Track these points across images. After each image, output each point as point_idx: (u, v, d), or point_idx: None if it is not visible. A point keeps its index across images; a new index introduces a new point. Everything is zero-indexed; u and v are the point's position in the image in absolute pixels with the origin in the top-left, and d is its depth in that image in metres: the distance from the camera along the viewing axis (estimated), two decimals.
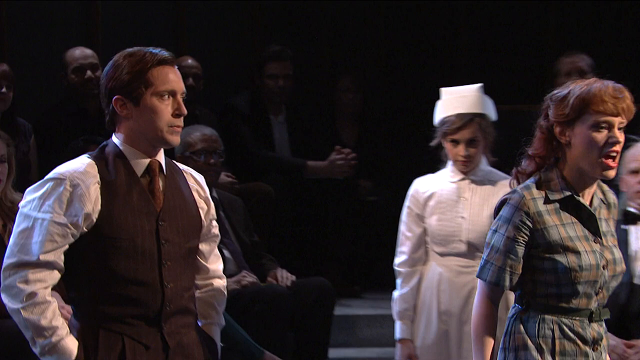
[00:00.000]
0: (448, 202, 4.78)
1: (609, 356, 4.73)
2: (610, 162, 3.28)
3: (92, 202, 3.22)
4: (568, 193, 3.34)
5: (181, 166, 3.50)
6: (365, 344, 6.47)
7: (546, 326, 3.33)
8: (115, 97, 3.26)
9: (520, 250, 3.33)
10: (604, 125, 3.26)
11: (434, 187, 4.83)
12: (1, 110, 6.01)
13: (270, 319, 5.45)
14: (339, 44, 8.00)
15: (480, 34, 8.07)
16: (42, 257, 3.18)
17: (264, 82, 6.99)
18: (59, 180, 3.23)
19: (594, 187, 3.39)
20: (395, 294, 4.83)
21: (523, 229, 3.32)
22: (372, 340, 6.43)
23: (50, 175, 3.26)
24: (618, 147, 3.29)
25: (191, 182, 3.46)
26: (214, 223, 3.52)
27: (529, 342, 3.33)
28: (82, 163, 3.28)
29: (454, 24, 8.10)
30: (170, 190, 3.36)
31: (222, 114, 6.97)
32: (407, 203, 4.86)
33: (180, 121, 3.31)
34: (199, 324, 3.48)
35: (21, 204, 3.27)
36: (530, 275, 3.35)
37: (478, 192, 4.78)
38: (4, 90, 5.98)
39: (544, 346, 3.32)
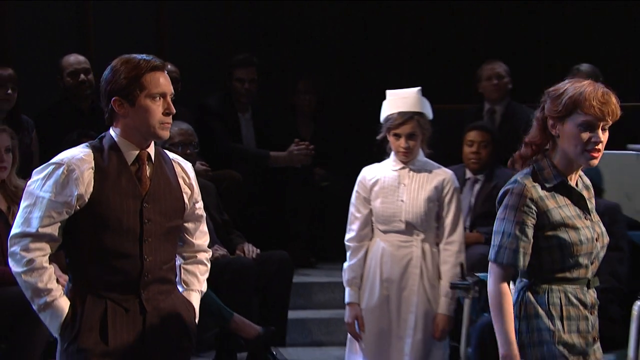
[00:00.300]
0: (390, 187, 4.78)
1: None
2: (594, 153, 3.24)
3: (85, 185, 3.21)
4: (560, 179, 3.30)
5: (171, 155, 3.47)
6: (319, 307, 6.45)
7: (554, 295, 3.28)
8: (114, 98, 3.24)
9: (530, 232, 3.26)
10: (589, 125, 3.21)
11: (379, 174, 4.82)
12: (7, 108, 5.97)
13: (238, 286, 5.45)
14: (297, 53, 7.99)
15: (419, 43, 8.09)
16: (41, 230, 3.19)
17: (233, 85, 6.94)
18: (58, 165, 3.23)
19: (577, 173, 3.36)
20: (345, 264, 4.83)
21: (530, 214, 3.26)
22: (326, 304, 6.42)
23: (53, 160, 3.26)
24: (600, 146, 3.24)
25: (178, 170, 3.43)
26: (198, 205, 3.49)
27: (540, 310, 3.28)
28: (80, 151, 3.28)
29: (397, 35, 8.11)
30: (156, 177, 3.34)
31: (197, 111, 6.93)
32: (355, 188, 4.86)
33: (169, 119, 3.29)
34: (181, 290, 3.47)
35: (28, 182, 3.27)
36: (537, 254, 3.29)
37: (416, 179, 4.78)
38: (9, 91, 5.94)
39: (554, 313, 3.27)
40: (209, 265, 3.59)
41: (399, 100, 4.75)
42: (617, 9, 7.87)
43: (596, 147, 3.23)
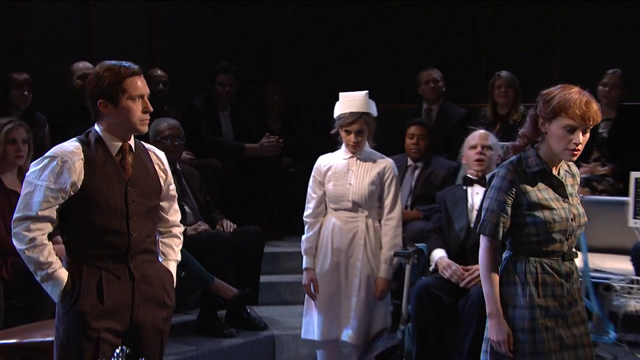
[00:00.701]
0: (341, 172, 4.80)
1: (451, 278, 4.83)
2: (574, 151, 3.21)
3: (77, 173, 3.20)
4: (542, 167, 3.28)
5: (147, 146, 3.46)
6: (286, 273, 6.47)
7: (531, 265, 3.26)
8: (99, 100, 3.22)
9: (509, 209, 3.24)
10: (572, 129, 3.19)
11: (332, 162, 4.85)
12: (24, 107, 5.93)
13: (218, 255, 5.43)
14: (268, 61, 7.99)
15: (368, 51, 8.11)
16: (40, 213, 3.17)
17: (215, 88, 6.92)
18: (53, 157, 3.21)
19: (561, 162, 3.34)
20: (303, 236, 4.85)
21: (510, 194, 3.24)
22: (292, 270, 6.42)
23: (48, 153, 3.23)
24: (580, 147, 3.21)
25: (154, 158, 3.43)
26: (172, 187, 3.48)
27: (517, 278, 3.27)
28: (70, 145, 3.26)
29: (349, 44, 8.13)
30: (137, 165, 3.33)
31: (185, 109, 6.91)
32: (312, 173, 4.88)
33: (147, 116, 3.27)
34: (160, 260, 3.47)
35: (27, 173, 3.24)
36: (517, 229, 3.28)
37: (362, 167, 4.81)
38: (25, 93, 5.90)
39: (529, 280, 3.25)
40: (182, 237, 3.58)
41: (350, 102, 4.76)
42: (540, 14, 7.89)
43: (576, 147, 3.21)
